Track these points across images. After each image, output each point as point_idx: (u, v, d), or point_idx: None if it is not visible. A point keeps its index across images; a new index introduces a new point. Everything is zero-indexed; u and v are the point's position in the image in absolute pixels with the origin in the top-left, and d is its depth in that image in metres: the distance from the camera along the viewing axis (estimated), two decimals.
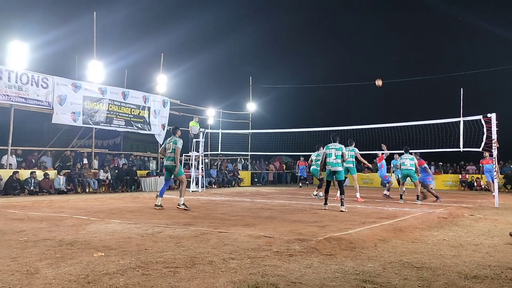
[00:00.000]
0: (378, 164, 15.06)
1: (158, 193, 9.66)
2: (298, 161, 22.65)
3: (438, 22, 33.55)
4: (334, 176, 9.81)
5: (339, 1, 38.07)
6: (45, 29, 23.26)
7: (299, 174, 23.25)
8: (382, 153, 14.62)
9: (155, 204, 9.50)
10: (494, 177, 12.03)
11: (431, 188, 12.99)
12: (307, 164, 19.40)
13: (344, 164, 10.42)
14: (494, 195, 11.87)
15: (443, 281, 3.66)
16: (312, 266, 4.08)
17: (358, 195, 12.63)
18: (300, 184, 22.82)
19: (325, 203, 9.84)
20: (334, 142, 9.86)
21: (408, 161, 12.02)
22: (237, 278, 3.58)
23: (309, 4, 38.71)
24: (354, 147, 12.83)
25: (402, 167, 12.16)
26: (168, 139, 10.05)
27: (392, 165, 16.12)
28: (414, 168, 11.93)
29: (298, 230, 6.16)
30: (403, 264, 4.26)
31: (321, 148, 13.53)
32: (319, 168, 12.86)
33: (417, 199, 11.85)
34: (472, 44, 31.32)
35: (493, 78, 25.84)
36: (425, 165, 13.32)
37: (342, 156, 9.67)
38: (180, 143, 9.73)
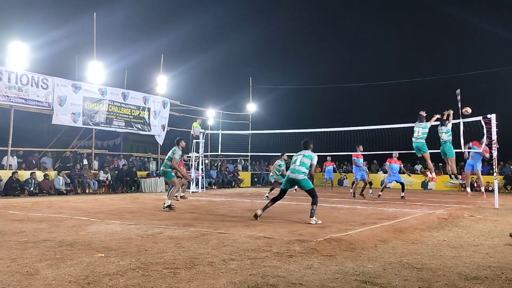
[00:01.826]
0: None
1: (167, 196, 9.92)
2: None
3: (437, 23, 33.56)
4: (296, 185, 8.10)
5: (338, 1, 38.10)
6: (45, 30, 23.26)
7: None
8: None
9: (164, 206, 9.57)
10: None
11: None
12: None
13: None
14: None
15: (443, 282, 3.65)
16: (312, 267, 4.08)
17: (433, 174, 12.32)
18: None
19: (263, 209, 7.85)
20: (305, 150, 8.06)
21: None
22: (237, 279, 3.58)
23: (309, 5, 38.74)
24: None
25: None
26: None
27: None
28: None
29: (298, 231, 6.15)
30: (403, 265, 4.26)
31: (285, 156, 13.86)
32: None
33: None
34: (472, 45, 31.32)
35: (493, 79, 25.84)
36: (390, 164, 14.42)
37: (311, 167, 7.82)
38: (178, 154, 9.86)
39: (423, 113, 11.96)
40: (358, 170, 14.47)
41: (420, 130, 11.75)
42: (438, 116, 11.93)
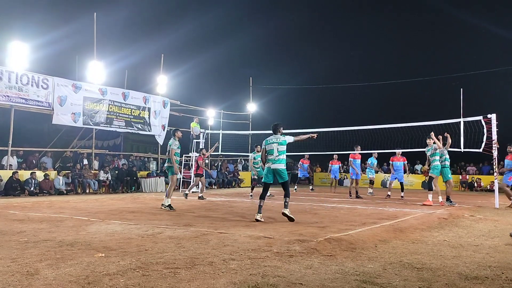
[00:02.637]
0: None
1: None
2: (301, 159, 19.97)
3: (438, 23, 33.57)
4: (276, 177, 7.90)
5: (339, 1, 38.10)
6: (45, 30, 23.28)
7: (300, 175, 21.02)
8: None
9: (165, 205, 9.67)
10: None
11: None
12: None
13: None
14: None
15: (443, 281, 3.65)
16: (313, 267, 4.08)
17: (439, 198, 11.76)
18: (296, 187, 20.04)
19: (259, 211, 7.62)
20: (275, 134, 7.99)
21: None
22: (237, 279, 3.58)
23: (309, 5, 38.75)
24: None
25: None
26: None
27: (368, 163, 16.21)
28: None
29: (298, 231, 6.15)
30: (404, 264, 4.26)
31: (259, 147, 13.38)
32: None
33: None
34: (472, 45, 31.33)
35: (494, 78, 25.85)
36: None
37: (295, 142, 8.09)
38: (174, 144, 9.92)
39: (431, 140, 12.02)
40: (354, 170, 14.47)
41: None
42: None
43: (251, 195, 13.27)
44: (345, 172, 27.45)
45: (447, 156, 12.07)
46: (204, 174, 13.62)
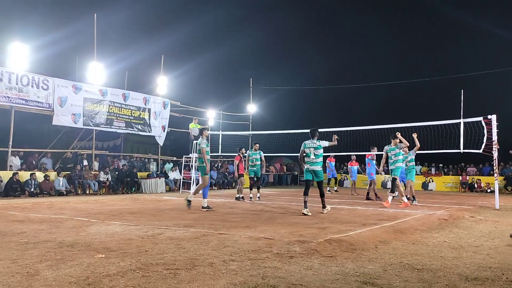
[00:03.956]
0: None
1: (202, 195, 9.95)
2: (328, 158, 18.40)
3: (439, 24, 33.60)
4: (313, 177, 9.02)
5: (339, 2, 38.12)
6: (46, 31, 23.33)
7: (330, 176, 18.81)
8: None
9: (202, 206, 9.72)
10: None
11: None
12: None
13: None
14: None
15: (443, 283, 3.65)
16: (313, 268, 4.08)
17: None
18: (329, 189, 18.52)
19: (305, 206, 8.80)
20: (312, 139, 9.02)
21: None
22: (237, 280, 3.58)
23: (309, 6, 38.78)
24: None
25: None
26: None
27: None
28: None
29: (298, 232, 6.15)
30: (404, 265, 4.26)
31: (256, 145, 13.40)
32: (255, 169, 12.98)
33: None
34: (472, 46, 31.35)
35: (494, 79, 25.86)
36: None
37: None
38: (203, 142, 9.83)
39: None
40: (372, 170, 14.31)
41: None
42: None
43: (250, 197, 13.01)
44: (345, 173, 27.46)
45: (413, 157, 12.17)
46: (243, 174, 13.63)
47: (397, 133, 11.69)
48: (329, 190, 18.16)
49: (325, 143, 9.01)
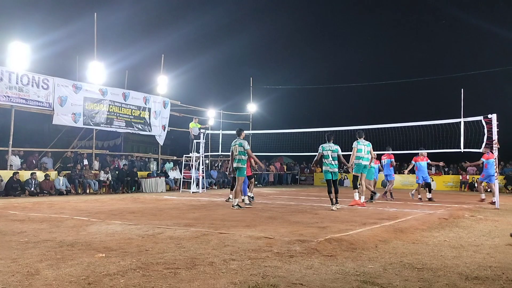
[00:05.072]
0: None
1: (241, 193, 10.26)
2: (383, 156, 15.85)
3: (439, 23, 33.59)
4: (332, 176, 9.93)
5: (339, 2, 38.11)
6: (46, 30, 23.31)
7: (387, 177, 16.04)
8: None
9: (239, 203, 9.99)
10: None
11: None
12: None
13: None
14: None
15: (444, 282, 3.65)
16: (313, 267, 4.08)
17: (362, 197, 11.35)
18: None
19: (332, 203, 9.75)
20: (329, 142, 9.95)
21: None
22: (237, 279, 3.58)
23: (309, 5, 38.77)
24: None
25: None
26: (233, 141, 10.15)
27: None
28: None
29: (298, 231, 6.15)
30: (404, 265, 4.26)
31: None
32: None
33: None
34: (473, 45, 31.33)
35: (494, 79, 25.85)
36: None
37: (339, 157, 9.93)
38: (246, 144, 9.97)
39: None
40: (422, 173, 13.76)
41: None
42: None
43: (252, 197, 12.85)
44: (345, 172, 27.46)
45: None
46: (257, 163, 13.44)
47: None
48: None
49: (340, 150, 9.94)
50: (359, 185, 11.16)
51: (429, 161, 14.01)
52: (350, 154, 11.28)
